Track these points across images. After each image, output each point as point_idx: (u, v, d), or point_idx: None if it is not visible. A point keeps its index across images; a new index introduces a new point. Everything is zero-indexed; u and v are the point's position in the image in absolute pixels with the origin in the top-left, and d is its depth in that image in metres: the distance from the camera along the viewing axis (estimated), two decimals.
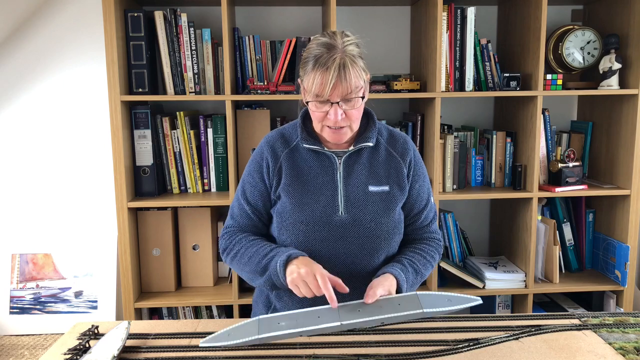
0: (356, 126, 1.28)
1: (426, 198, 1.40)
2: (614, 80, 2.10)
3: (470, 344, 1.15)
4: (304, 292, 1.16)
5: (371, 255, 1.30)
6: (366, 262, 1.30)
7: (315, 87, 1.20)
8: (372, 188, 1.31)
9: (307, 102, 1.26)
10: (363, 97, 1.24)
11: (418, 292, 1.14)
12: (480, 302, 1.09)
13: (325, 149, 1.32)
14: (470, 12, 2.07)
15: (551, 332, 1.22)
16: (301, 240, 1.29)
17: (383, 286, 1.18)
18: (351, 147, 1.32)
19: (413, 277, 1.30)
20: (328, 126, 1.25)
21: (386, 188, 1.32)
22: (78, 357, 1.10)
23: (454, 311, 1.10)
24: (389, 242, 1.32)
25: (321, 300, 1.15)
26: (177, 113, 2.09)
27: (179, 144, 2.11)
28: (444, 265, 2.17)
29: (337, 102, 1.21)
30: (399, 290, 1.23)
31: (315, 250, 1.29)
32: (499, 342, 1.17)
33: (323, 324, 1.08)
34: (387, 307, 1.11)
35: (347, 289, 1.17)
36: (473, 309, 2.52)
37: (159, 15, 2.00)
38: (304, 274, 1.15)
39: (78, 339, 1.20)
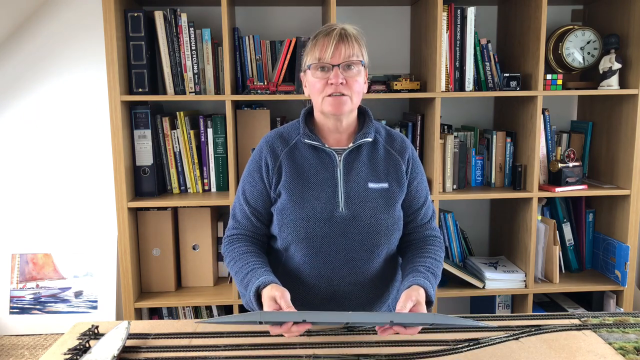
0: (357, 100, 1.30)
1: (424, 195, 1.41)
2: (614, 80, 2.10)
3: (470, 344, 1.16)
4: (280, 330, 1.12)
5: (371, 252, 1.31)
6: (366, 258, 1.32)
7: (317, 50, 1.27)
8: (371, 185, 1.33)
9: (306, 71, 1.31)
10: (364, 66, 1.29)
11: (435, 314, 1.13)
12: (493, 327, 1.12)
13: (326, 145, 1.33)
14: (470, 12, 2.07)
15: (551, 332, 1.22)
16: (302, 236, 1.30)
17: (411, 298, 1.16)
18: (350, 144, 1.34)
19: (434, 281, 1.29)
20: (329, 95, 1.27)
21: (385, 185, 1.34)
22: (78, 357, 1.10)
23: (465, 326, 1.09)
24: (389, 238, 1.33)
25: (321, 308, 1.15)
26: (177, 113, 2.09)
27: (179, 144, 2.11)
28: (444, 265, 2.16)
29: (338, 66, 1.25)
30: (427, 298, 1.21)
31: (316, 246, 1.30)
32: (499, 342, 1.17)
33: (330, 318, 1.07)
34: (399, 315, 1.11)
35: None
36: (473, 309, 2.53)
37: (159, 15, 2.00)
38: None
39: (78, 339, 1.20)
